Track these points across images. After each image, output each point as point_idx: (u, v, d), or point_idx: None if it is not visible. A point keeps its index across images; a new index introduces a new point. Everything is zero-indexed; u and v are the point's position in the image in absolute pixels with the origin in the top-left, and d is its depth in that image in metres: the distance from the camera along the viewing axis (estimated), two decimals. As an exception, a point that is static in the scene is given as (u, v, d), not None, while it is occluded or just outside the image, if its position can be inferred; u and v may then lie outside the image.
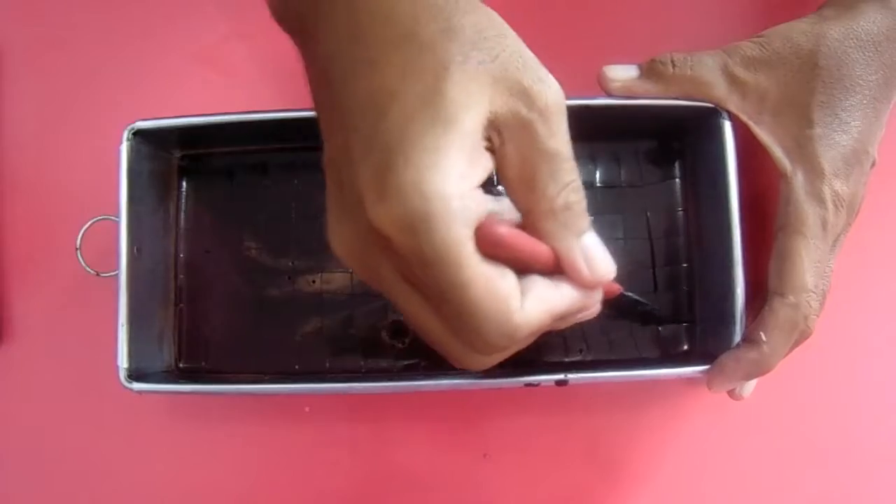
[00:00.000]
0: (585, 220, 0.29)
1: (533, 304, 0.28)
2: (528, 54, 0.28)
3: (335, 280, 0.43)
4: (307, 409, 0.44)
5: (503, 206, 0.29)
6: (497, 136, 0.27)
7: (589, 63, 0.39)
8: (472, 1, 0.29)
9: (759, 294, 0.38)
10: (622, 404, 0.44)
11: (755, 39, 0.38)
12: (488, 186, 0.28)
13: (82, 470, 0.44)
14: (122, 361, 0.38)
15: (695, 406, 0.44)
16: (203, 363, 0.43)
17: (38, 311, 0.45)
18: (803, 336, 0.37)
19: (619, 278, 0.42)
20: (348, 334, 0.43)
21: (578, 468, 0.43)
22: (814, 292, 0.36)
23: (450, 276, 0.26)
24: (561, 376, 0.38)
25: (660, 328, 0.42)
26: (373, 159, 0.26)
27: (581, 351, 0.42)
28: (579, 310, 0.30)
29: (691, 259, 0.43)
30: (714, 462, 0.43)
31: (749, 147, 0.38)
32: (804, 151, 0.37)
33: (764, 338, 0.36)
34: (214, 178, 0.44)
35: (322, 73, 0.29)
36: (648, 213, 0.43)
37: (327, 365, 0.43)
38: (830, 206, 0.36)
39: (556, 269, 0.29)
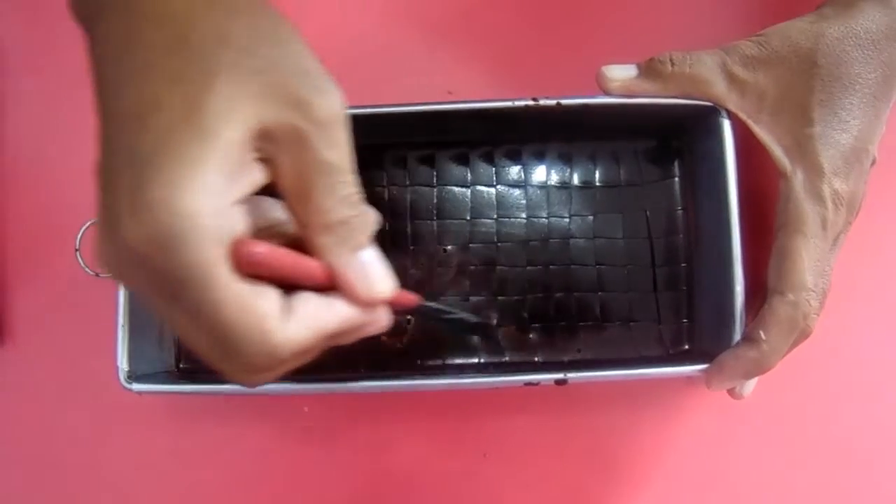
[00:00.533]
0: (364, 235, 0.28)
1: (298, 324, 0.27)
2: (310, 62, 0.27)
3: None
4: (306, 408, 0.44)
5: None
6: (271, 146, 0.26)
7: (588, 62, 0.39)
8: (255, 2, 0.27)
9: (759, 293, 0.38)
10: (622, 403, 0.44)
11: (754, 38, 0.38)
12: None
13: (82, 470, 0.44)
14: (122, 362, 0.38)
15: (694, 405, 0.44)
16: (203, 363, 0.43)
17: (38, 311, 0.45)
18: (803, 335, 0.37)
19: (620, 277, 0.43)
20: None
21: (578, 467, 0.43)
22: (814, 291, 0.36)
23: (200, 297, 0.25)
24: (560, 375, 0.38)
25: (660, 326, 0.42)
26: (128, 173, 0.24)
27: (579, 350, 0.42)
28: (359, 326, 0.29)
29: (691, 258, 0.43)
30: (713, 460, 0.43)
31: (748, 146, 0.38)
32: (803, 150, 0.37)
33: (763, 336, 0.36)
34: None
35: (97, 75, 0.27)
36: (648, 212, 0.43)
37: (326, 365, 0.42)
38: (830, 204, 0.36)
39: (331, 286, 0.28)
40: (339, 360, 0.42)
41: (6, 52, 0.47)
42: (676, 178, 0.43)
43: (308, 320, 0.27)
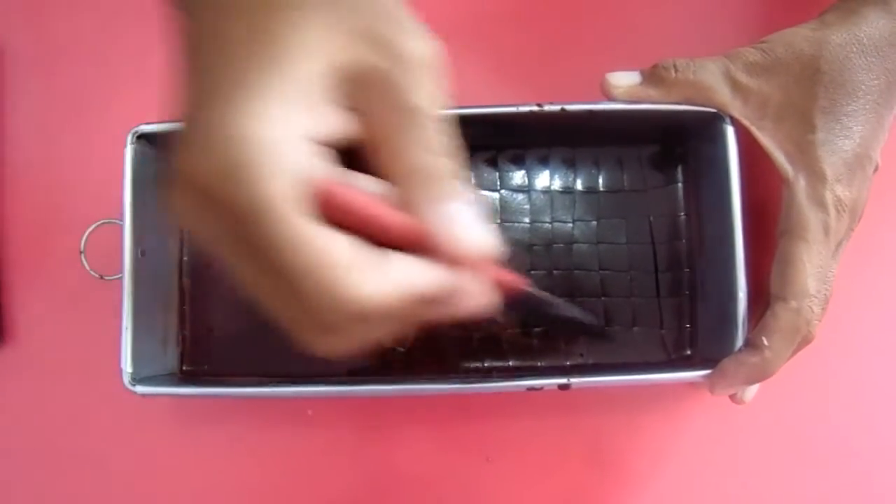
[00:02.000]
0: (454, 185, 0.26)
1: (381, 278, 0.24)
2: (398, 8, 0.26)
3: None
4: (310, 412, 0.44)
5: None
6: (355, 90, 0.25)
7: (592, 68, 0.39)
8: None
9: (762, 299, 0.38)
10: (624, 408, 0.44)
11: (757, 45, 0.38)
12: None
13: (85, 473, 0.44)
14: (126, 365, 0.38)
15: (697, 410, 0.44)
16: (206, 366, 0.43)
17: (42, 314, 0.45)
18: (805, 341, 0.37)
19: (623, 282, 0.43)
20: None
21: (581, 472, 0.43)
22: (816, 297, 0.36)
23: (270, 235, 0.22)
24: (563, 380, 0.38)
25: (662, 331, 0.43)
26: (201, 101, 0.23)
27: (582, 355, 0.42)
28: (451, 292, 0.26)
29: (694, 263, 0.43)
30: (716, 466, 0.43)
31: (752, 152, 0.38)
32: (806, 156, 0.37)
33: (766, 342, 0.36)
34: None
35: (186, 36, 0.26)
36: (651, 218, 0.43)
37: (329, 368, 0.43)
38: (832, 211, 0.36)
39: (420, 245, 0.25)
40: (341, 363, 0.43)
41: (8, 52, 0.47)
42: (680, 184, 0.43)
43: (392, 273, 0.24)
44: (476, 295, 0.27)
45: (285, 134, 0.23)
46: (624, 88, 0.39)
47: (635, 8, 0.46)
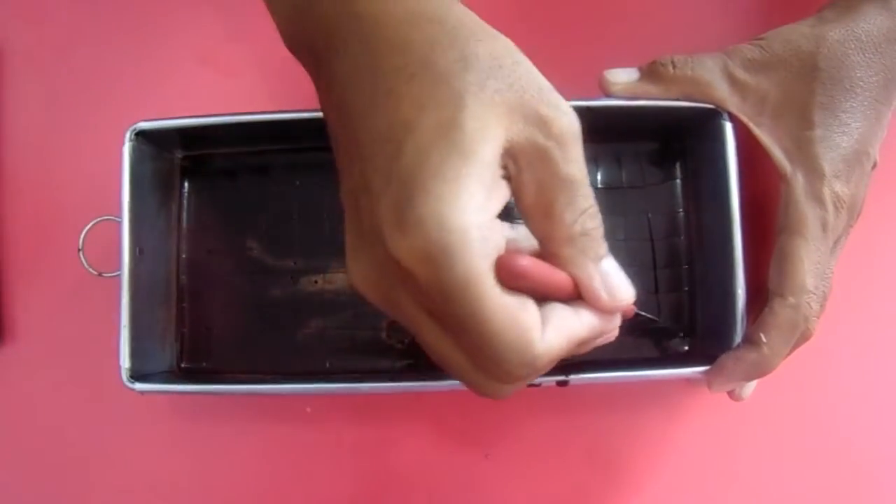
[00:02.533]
0: (603, 245, 0.29)
1: (554, 333, 0.27)
2: (543, 81, 0.28)
3: (337, 280, 0.43)
4: (308, 409, 0.44)
5: (520, 234, 0.29)
6: (513, 164, 0.27)
7: (590, 65, 0.39)
8: (487, 29, 0.29)
9: (760, 295, 0.38)
10: (623, 405, 0.44)
11: (755, 42, 0.38)
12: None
13: (84, 470, 0.44)
14: (125, 362, 0.38)
15: (695, 407, 0.44)
16: (205, 363, 0.43)
17: (41, 311, 0.45)
18: (804, 337, 0.37)
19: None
20: (349, 334, 0.43)
21: (579, 468, 0.44)
22: (814, 294, 0.36)
23: (470, 309, 0.25)
24: (562, 377, 0.38)
25: (661, 327, 0.43)
26: (391, 191, 0.26)
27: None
28: (599, 334, 0.30)
29: (692, 260, 0.43)
30: (714, 462, 0.43)
31: (750, 148, 0.38)
32: (804, 153, 0.37)
33: (764, 339, 0.36)
34: (216, 179, 0.44)
35: (338, 104, 0.29)
36: (650, 215, 0.43)
37: (328, 365, 0.43)
38: (831, 207, 0.36)
39: (576, 297, 0.29)
40: (340, 360, 0.43)
41: (8, 54, 0.47)
42: (678, 181, 0.43)
43: (561, 331, 0.28)
44: (615, 331, 0.31)
45: (476, 218, 0.25)
46: (622, 85, 0.39)
47: (633, 4, 0.46)
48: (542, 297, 0.28)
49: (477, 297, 0.25)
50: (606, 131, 0.43)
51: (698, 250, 0.42)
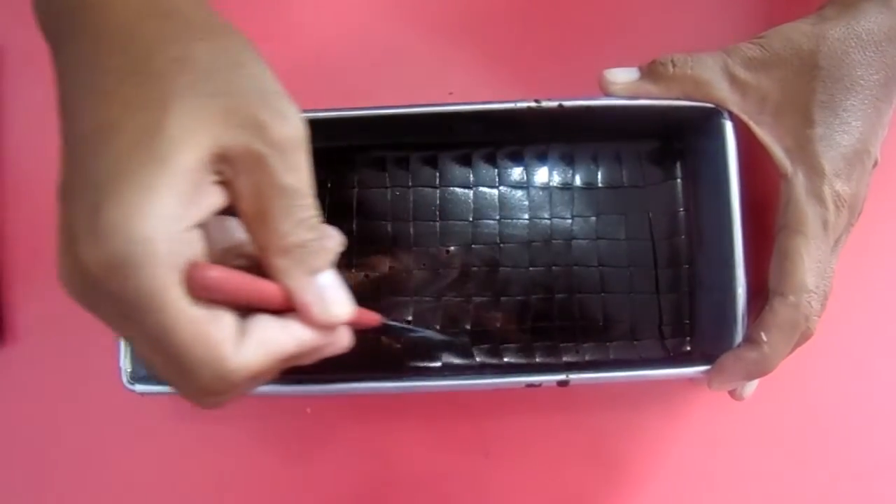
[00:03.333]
0: (323, 258, 0.28)
1: (253, 347, 0.27)
2: (270, 85, 0.28)
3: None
4: (308, 409, 0.44)
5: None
6: (230, 169, 0.26)
7: (590, 64, 0.39)
8: (218, 27, 0.28)
9: (761, 294, 0.38)
10: (623, 404, 0.44)
11: (756, 40, 0.38)
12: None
13: (84, 471, 0.44)
14: (125, 363, 0.38)
15: (696, 406, 0.44)
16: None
17: (41, 312, 0.45)
18: (804, 336, 0.37)
19: (622, 278, 0.43)
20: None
21: (579, 468, 0.44)
22: (815, 292, 0.36)
23: (156, 322, 0.25)
24: (562, 377, 0.38)
25: (662, 327, 0.43)
26: (87, 196, 0.25)
27: (578, 351, 0.42)
28: (318, 348, 0.29)
29: (693, 259, 0.43)
30: (715, 461, 0.43)
31: (750, 147, 0.38)
32: (805, 151, 0.37)
33: (764, 338, 0.36)
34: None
35: (61, 97, 0.27)
36: (650, 214, 0.43)
37: (327, 365, 0.43)
38: (831, 206, 0.36)
39: (289, 308, 0.28)
40: (339, 361, 0.43)
41: (8, 53, 0.47)
42: (679, 180, 0.43)
43: (263, 345, 0.27)
44: (338, 344, 0.30)
45: (166, 228, 0.24)
46: (622, 84, 0.39)
47: (633, 4, 0.46)
48: (251, 308, 0.27)
49: (161, 309, 0.25)
50: (607, 131, 0.43)
51: (699, 249, 0.42)
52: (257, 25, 0.46)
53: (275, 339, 0.28)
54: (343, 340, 0.30)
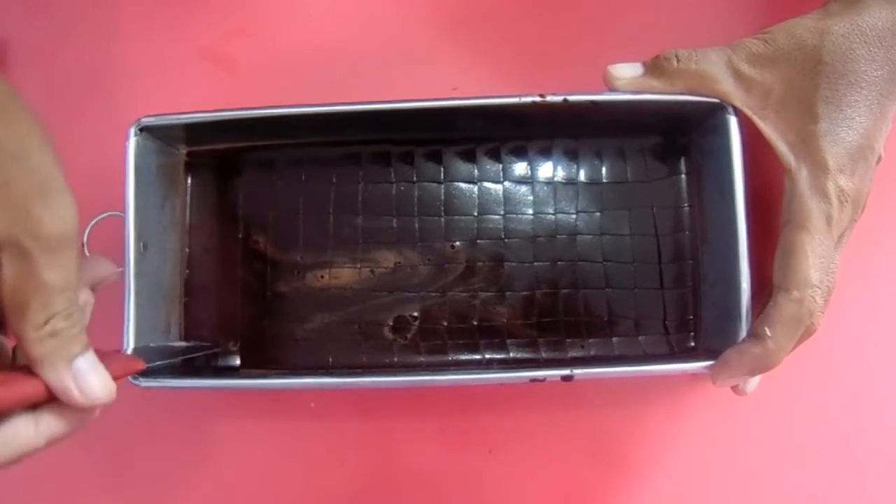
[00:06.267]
0: (77, 344, 0.29)
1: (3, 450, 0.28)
2: (52, 179, 0.28)
3: (343, 276, 0.43)
4: (313, 404, 0.44)
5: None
6: None
7: (594, 59, 0.39)
8: (7, 109, 0.29)
9: (765, 290, 0.38)
10: (627, 400, 0.44)
11: (760, 35, 0.38)
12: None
13: (88, 465, 0.44)
14: (129, 357, 0.38)
15: (699, 402, 0.44)
16: (209, 359, 0.43)
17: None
18: (808, 332, 0.37)
19: (626, 273, 0.43)
20: (354, 329, 0.43)
21: (583, 463, 0.44)
22: (819, 288, 0.36)
23: None
24: (566, 372, 0.38)
25: (666, 322, 0.43)
26: None
27: (584, 346, 0.43)
28: (73, 431, 0.30)
29: (697, 255, 0.43)
30: (718, 457, 0.44)
31: (755, 142, 0.38)
32: (808, 147, 0.37)
33: (769, 333, 0.36)
34: (221, 174, 0.44)
35: None
36: (654, 209, 0.43)
37: (331, 360, 0.43)
38: (835, 201, 0.36)
39: (53, 398, 0.29)
40: (343, 355, 0.43)
41: (12, 48, 0.47)
42: (683, 175, 0.43)
43: (9, 445, 0.28)
44: (94, 414, 0.31)
45: None
46: (626, 79, 0.39)
47: (637, -1, 0.46)
48: (9, 409, 0.28)
49: None
50: (611, 126, 0.43)
51: (703, 245, 0.42)
52: (262, 21, 0.47)
53: (20, 439, 0.28)
54: (104, 402, 0.30)
